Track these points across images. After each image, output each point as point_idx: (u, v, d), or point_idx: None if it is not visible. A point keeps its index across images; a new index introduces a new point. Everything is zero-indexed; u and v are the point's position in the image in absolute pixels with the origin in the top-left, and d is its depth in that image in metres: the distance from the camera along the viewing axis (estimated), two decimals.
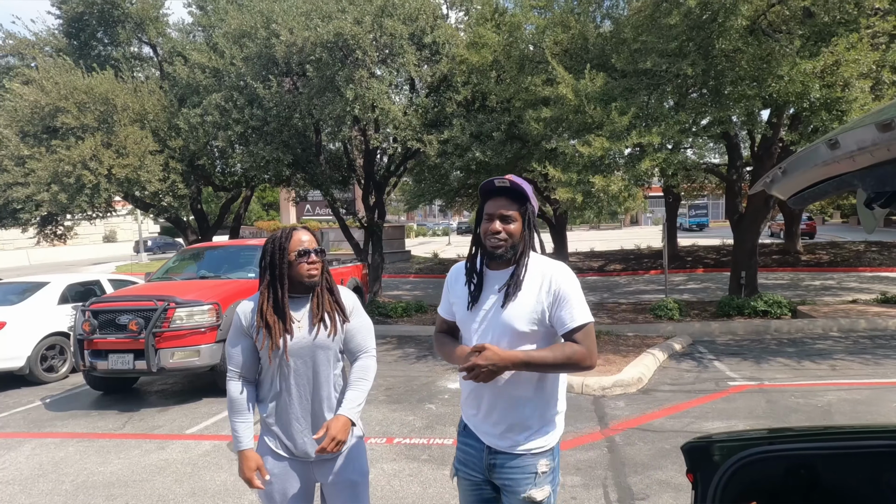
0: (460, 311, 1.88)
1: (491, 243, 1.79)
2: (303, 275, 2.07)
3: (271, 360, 2.06)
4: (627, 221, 47.40)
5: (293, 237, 2.10)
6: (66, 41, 11.81)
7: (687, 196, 20.24)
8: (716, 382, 5.98)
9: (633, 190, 7.52)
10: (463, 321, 1.88)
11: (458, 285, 1.92)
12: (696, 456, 1.68)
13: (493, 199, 1.82)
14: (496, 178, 1.80)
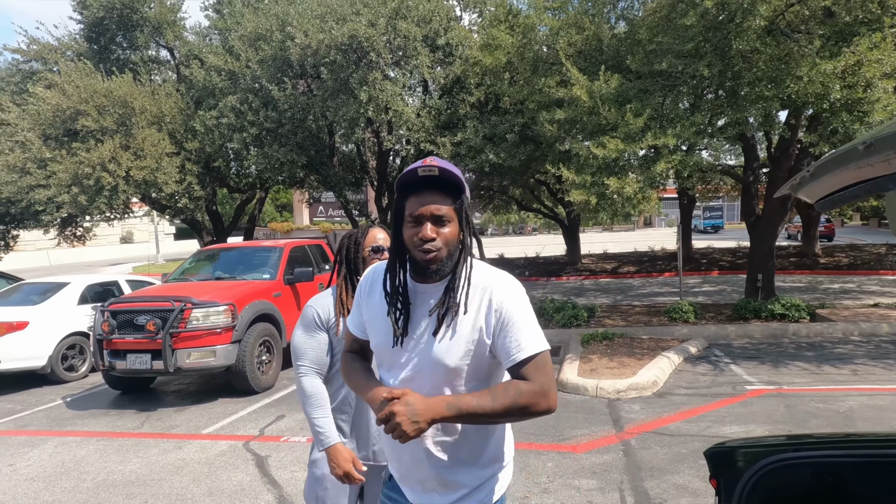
0: (378, 340, 1.48)
1: (422, 255, 1.37)
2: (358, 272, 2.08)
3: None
4: (641, 223, 47.08)
5: (369, 234, 2.14)
6: (87, 45, 12.02)
7: (702, 198, 20.05)
8: (732, 386, 5.91)
9: (647, 192, 7.48)
10: (382, 354, 1.47)
11: (373, 299, 1.51)
12: (720, 461, 1.67)
13: (418, 195, 1.38)
14: (420, 166, 1.36)
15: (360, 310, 1.56)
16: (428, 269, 1.38)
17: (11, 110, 9.84)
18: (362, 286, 1.56)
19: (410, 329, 1.42)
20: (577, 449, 4.46)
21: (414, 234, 1.38)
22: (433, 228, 1.37)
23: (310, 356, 2.04)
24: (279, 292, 7.34)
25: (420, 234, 1.36)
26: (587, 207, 7.76)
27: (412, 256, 1.40)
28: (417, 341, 1.41)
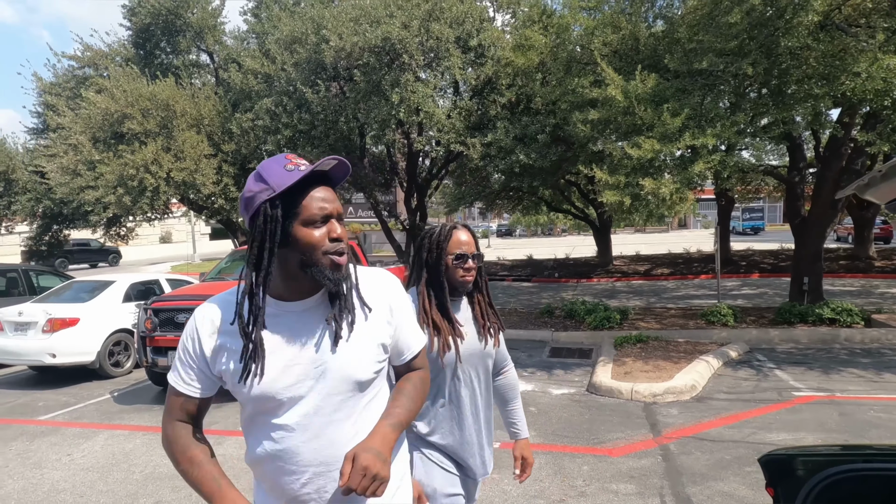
0: (264, 381, 1.25)
1: (337, 258, 1.24)
2: (457, 280, 1.87)
3: (444, 365, 1.79)
4: (675, 224, 46.13)
5: (452, 237, 1.88)
6: (134, 51, 12.44)
7: (741, 199, 19.52)
8: (778, 392, 5.74)
9: (684, 193, 7.32)
10: (271, 393, 1.25)
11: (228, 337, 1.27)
12: (777, 469, 1.61)
13: (316, 189, 1.23)
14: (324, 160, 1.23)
15: (198, 359, 1.29)
16: (340, 276, 1.24)
17: (66, 114, 10.23)
18: (202, 325, 1.28)
19: (296, 358, 1.27)
20: (613, 453, 4.40)
21: (325, 235, 1.23)
22: (343, 228, 1.27)
23: None
24: None
25: (333, 233, 1.23)
26: (621, 209, 7.64)
27: (320, 263, 1.22)
28: (313, 363, 1.26)
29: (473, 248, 1.90)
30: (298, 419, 1.26)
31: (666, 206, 7.46)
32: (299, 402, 1.26)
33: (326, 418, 1.28)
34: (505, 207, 19.30)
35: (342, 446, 1.28)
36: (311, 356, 1.27)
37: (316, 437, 1.27)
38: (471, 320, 1.93)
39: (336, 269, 1.24)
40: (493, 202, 16.75)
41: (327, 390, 1.27)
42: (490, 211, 19.88)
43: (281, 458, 1.28)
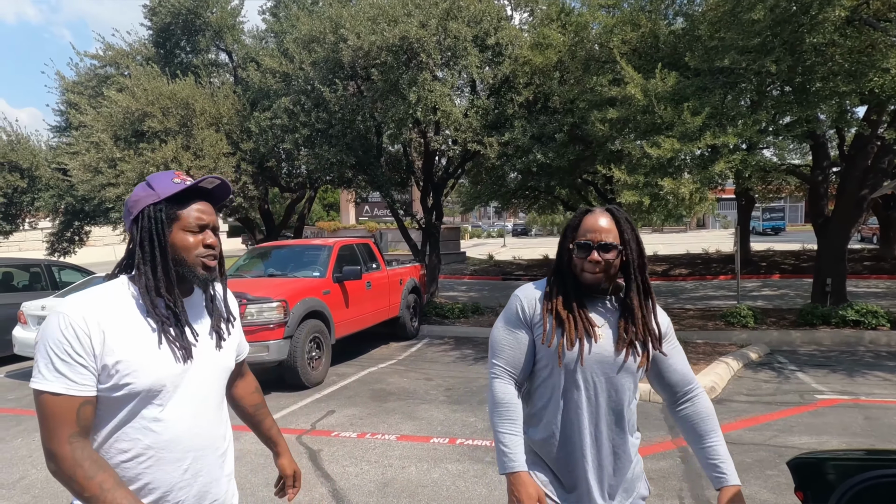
0: (157, 370, 1.31)
1: (208, 261, 1.40)
2: (578, 275, 1.61)
3: (561, 362, 1.58)
4: (693, 224, 45.57)
5: (583, 222, 1.62)
6: (155, 50, 12.59)
7: (762, 198, 19.23)
8: (800, 395, 5.64)
9: (704, 192, 7.23)
10: (159, 384, 1.31)
11: (125, 332, 1.30)
12: (807, 473, 1.58)
13: (198, 203, 1.40)
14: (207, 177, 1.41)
15: (93, 356, 1.26)
16: (209, 275, 1.41)
17: (88, 113, 10.39)
18: (84, 326, 1.25)
19: (192, 348, 1.41)
20: None
21: (197, 242, 1.39)
22: (216, 239, 1.44)
23: (506, 355, 1.68)
24: (328, 290, 7.48)
25: (206, 241, 1.40)
26: (640, 209, 7.57)
27: (191, 264, 1.39)
28: (205, 358, 1.43)
29: (607, 236, 1.57)
30: (183, 407, 1.37)
31: (685, 207, 7.38)
32: (184, 389, 1.37)
33: (204, 404, 1.42)
34: (521, 207, 19.21)
35: (216, 427, 1.47)
36: (203, 346, 1.43)
37: (196, 424, 1.40)
38: (610, 324, 1.63)
39: (207, 270, 1.40)
40: (509, 201, 16.68)
41: (209, 379, 1.43)
42: (506, 210, 19.81)
43: (165, 449, 1.34)
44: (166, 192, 1.36)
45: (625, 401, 1.61)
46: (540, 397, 1.68)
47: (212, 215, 1.43)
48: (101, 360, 1.27)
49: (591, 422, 1.60)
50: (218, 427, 1.48)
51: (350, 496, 3.85)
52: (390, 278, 9.22)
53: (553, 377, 1.62)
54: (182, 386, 1.36)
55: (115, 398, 1.30)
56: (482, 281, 17.52)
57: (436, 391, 6.35)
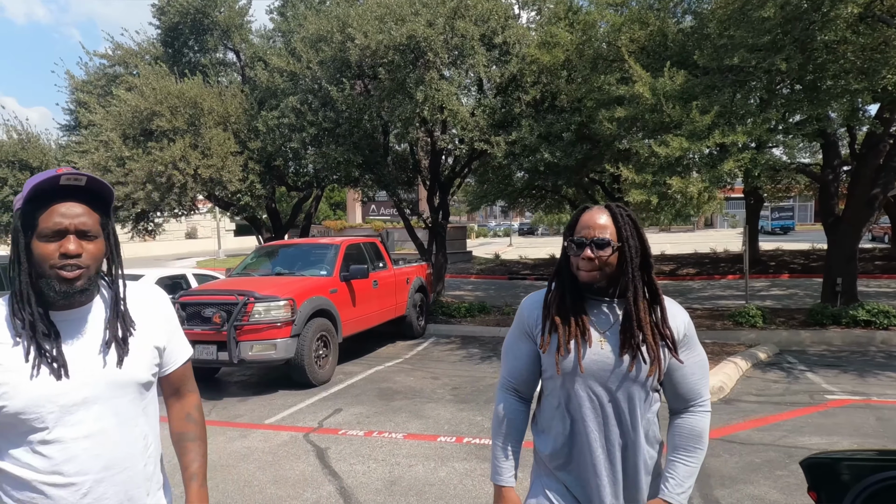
0: (30, 394, 1.21)
1: (64, 272, 1.23)
2: (577, 270, 1.51)
3: (559, 369, 1.50)
4: (701, 223, 45.35)
5: (580, 219, 1.53)
6: (163, 49, 12.65)
7: (770, 197, 19.10)
8: (810, 395, 5.60)
9: (713, 192, 7.19)
10: (37, 411, 1.22)
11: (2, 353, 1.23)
12: (820, 473, 1.56)
13: (60, 204, 1.23)
14: (62, 173, 1.22)
15: None
16: (72, 288, 1.24)
17: (97, 112, 10.45)
18: None
19: (71, 365, 1.25)
20: None
21: (53, 250, 1.22)
22: (76, 242, 1.23)
23: (509, 366, 1.64)
24: (335, 288, 7.50)
25: (63, 248, 1.21)
26: (647, 208, 7.54)
27: (47, 275, 1.23)
28: (90, 374, 1.27)
29: (602, 232, 1.47)
30: (78, 427, 1.25)
31: (693, 206, 7.34)
32: (79, 408, 1.25)
33: (106, 422, 1.28)
34: (527, 206, 19.18)
35: (126, 447, 1.32)
36: (87, 362, 1.27)
37: (98, 444, 1.27)
38: (613, 330, 1.51)
39: (64, 282, 1.22)
40: (516, 200, 16.66)
41: (109, 394, 1.29)
42: (512, 209, 19.80)
43: (58, 473, 1.23)
44: (22, 196, 1.21)
45: (637, 412, 1.49)
46: (546, 408, 1.60)
47: (79, 217, 1.23)
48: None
49: (601, 434, 1.49)
50: (129, 446, 1.32)
51: (357, 494, 3.86)
52: (397, 277, 9.22)
53: (557, 388, 1.53)
54: (74, 405, 1.24)
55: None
56: (488, 280, 17.51)
57: (442, 390, 6.35)
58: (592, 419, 1.49)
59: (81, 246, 1.23)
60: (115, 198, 7.87)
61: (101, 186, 1.28)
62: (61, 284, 1.23)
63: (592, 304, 1.54)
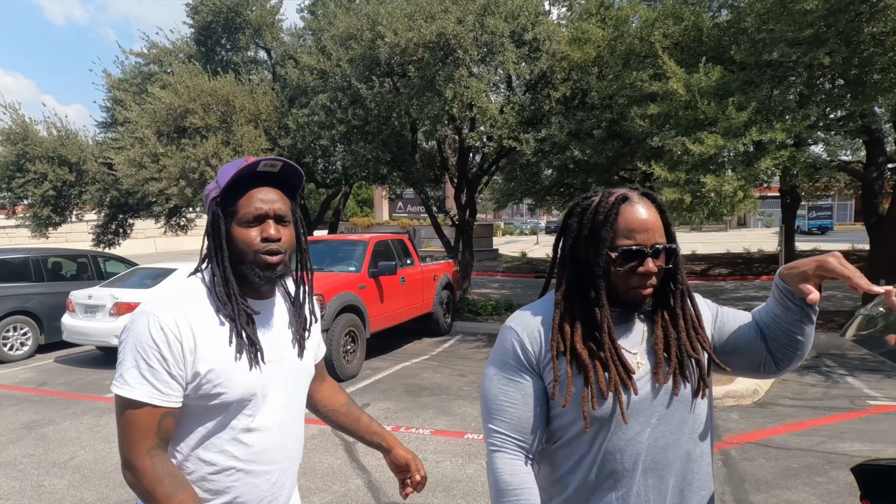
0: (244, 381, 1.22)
1: (267, 257, 1.23)
2: (626, 291, 1.16)
3: (588, 426, 1.14)
4: (734, 223, 44.34)
5: (623, 213, 1.15)
6: (196, 48, 12.92)
7: (808, 196, 18.55)
8: (850, 400, 5.42)
9: (749, 190, 7.01)
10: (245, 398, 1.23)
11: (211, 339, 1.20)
12: (874, 480, 1.50)
13: (257, 190, 1.24)
14: (261, 160, 1.23)
15: (182, 361, 1.17)
16: (273, 273, 1.24)
17: (133, 109, 10.72)
18: (172, 328, 1.16)
19: (268, 354, 1.27)
20: None
21: (257, 235, 1.23)
22: (277, 227, 1.24)
23: (507, 416, 1.19)
24: (364, 284, 7.55)
25: (265, 233, 1.23)
26: (680, 207, 7.39)
27: (249, 261, 1.23)
28: (283, 364, 1.31)
29: (658, 235, 1.15)
30: (272, 416, 1.28)
31: (728, 205, 7.17)
32: (272, 398, 1.28)
33: (289, 413, 1.32)
34: (554, 204, 19.00)
35: (299, 438, 1.39)
36: (279, 352, 1.30)
37: (284, 434, 1.31)
38: (645, 350, 1.19)
39: (267, 268, 1.24)
40: (543, 199, 16.53)
41: (292, 386, 1.33)
42: (539, 207, 19.65)
43: (256, 461, 1.26)
44: (224, 182, 1.22)
45: (683, 450, 1.17)
46: (564, 460, 1.21)
47: (275, 203, 1.25)
48: (192, 368, 1.18)
49: (642, 487, 1.16)
50: (300, 438, 1.40)
51: (385, 488, 3.88)
52: (424, 274, 9.24)
53: (580, 437, 1.17)
54: (269, 395, 1.27)
55: (205, 408, 1.21)
56: (514, 278, 17.42)
57: (469, 387, 6.34)
58: (629, 471, 1.15)
59: (280, 231, 1.25)
60: (149, 193, 8.05)
61: (293, 173, 1.28)
62: (264, 270, 1.24)
63: (619, 322, 1.21)
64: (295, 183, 1.30)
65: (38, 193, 11.93)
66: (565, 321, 1.18)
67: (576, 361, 1.15)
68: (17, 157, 11.92)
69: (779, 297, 1.17)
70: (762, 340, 1.22)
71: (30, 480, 4.13)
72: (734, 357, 1.25)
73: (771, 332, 1.20)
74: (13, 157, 11.93)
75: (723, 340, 1.26)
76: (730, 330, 1.26)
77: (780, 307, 1.17)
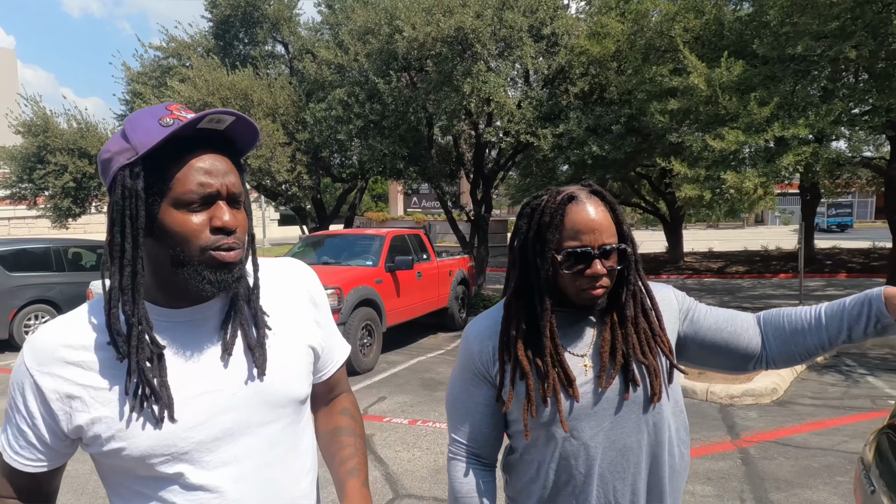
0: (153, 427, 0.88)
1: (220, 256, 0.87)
2: (576, 292, 1.11)
3: (528, 433, 1.13)
4: (751, 220, 43.81)
5: (569, 214, 1.09)
6: (214, 42, 13.04)
7: (828, 193, 18.27)
8: (871, 400, 5.35)
9: (770, 187, 6.94)
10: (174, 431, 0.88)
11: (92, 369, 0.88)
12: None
13: (199, 158, 0.86)
14: (208, 113, 0.85)
15: (50, 414, 0.87)
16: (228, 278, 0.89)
17: (152, 102, 10.87)
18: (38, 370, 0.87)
19: (202, 382, 0.91)
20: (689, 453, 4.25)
21: (200, 224, 0.86)
22: (230, 213, 0.88)
23: (463, 424, 1.21)
24: (380, 279, 7.59)
25: (218, 219, 0.87)
26: (700, 203, 7.35)
27: (194, 262, 0.87)
28: (231, 395, 0.92)
29: (607, 235, 1.10)
30: (223, 470, 0.91)
31: (748, 202, 7.11)
32: (220, 445, 0.91)
33: (262, 458, 0.95)
34: None
35: (290, 489, 0.99)
36: (220, 379, 0.92)
37: (254, 488, 0.93)
38: (593, 355, 1.14)
39: (220, 268, 0.87)
40: None
41: (256, 420, 0.94)
42: None
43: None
44: (147, 143, 0.82)
45: (648, 453, 1.13)
46: (525, 469, 1.18)
47: (227, 176, 0.87)
48: (69, 421, 0.87)
49: (601, 492, 1.12)
50: (292, 487, 1.00)
51: (403, 480, 3.92)
52: (440, 269, 9.27)
53: (535, 444, 1.14)
54: (219, 438, 0.91)
55: (111, 465, 0.92)
56: None
57: None
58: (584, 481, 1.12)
59: (235, 217, 0.89)
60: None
61: (245, 131, 0.90)
62: (217, 272, 0.88)
63: (566, 325, 1.16)
64: (244, 146, 0.92)
65: (59, 185, 12.14)
66: (511, 326, 1.15)
67: (519, 368, 1.12)
68: (39, 149, 12.13)
69: (865, 313, 1.09)
70: (761, 344, 1.19)
71: None
72: (713, 356, 1.22)
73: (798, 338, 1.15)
74: (34, 148, 12.15)
75: (699, 337, 1.20)
76: (709, 327, 1.20)
77: (853, 321, 1.10)
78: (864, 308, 1.09)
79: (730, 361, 1.21)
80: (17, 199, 13.31)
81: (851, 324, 1.10)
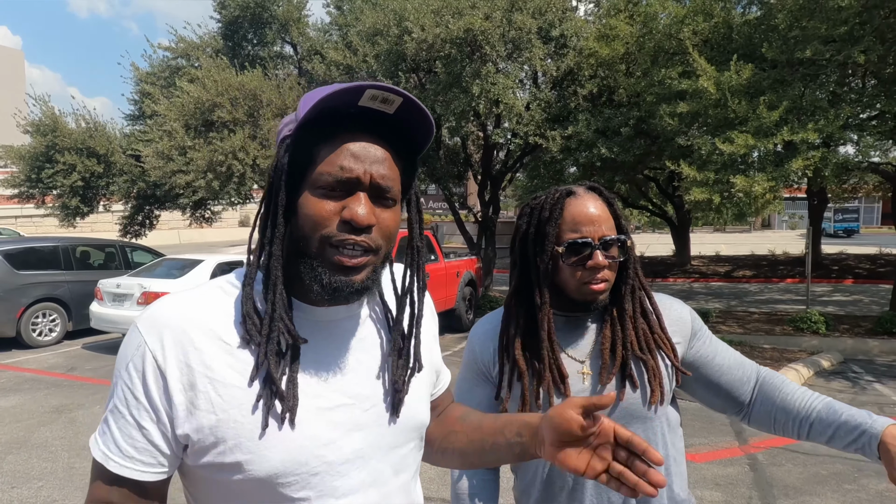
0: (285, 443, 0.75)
1: (339, 255, 0.74)
2: (575, 289, 1.10)
3: None
4: (758, 224, 43.64)
5: (568, 207, 1.10)
6: (223, 42, 13.10)
7: (835, 198, 18.18)
8: (879, 407, 5.33)
9: (779, 191, 6.92)
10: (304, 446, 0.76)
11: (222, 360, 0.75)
12: None
13: (357, 139, 0.75)
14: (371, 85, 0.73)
15: (170, 408, 0.72)
16: (353, 285, 0.75)
17: (161, 102, 10.91)
18: (161, 354, 0.72)
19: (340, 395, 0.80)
20: (696, 458, 4.24)
21: (334, 212, 0.74)
22: (370, 207, 0.75)
23: None
24: None
25: (348, 214, 0.73)
26: (709, 207, 7.32)
27: (313, 255, 0.75)
28: (370, 413, 0.81)
29: (607, 227, 1.09)
30: (351, 499, 0.78)
31: (756, 206, 7.08)
32: (350, 469, 0.78)
33: (387, 487, 0.82)
34: None
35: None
36: (353, 391, 0.80)
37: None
38: (593, 357, 1.13)
39: (338, 272, 0.74)
40: None
41: (386, 443, 0.82)
42: None
43: None
44: (304, 111, 0.73)
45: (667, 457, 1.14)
46: (525, 472, 1.20)
47: (377, 165, 0.75)
48: (187, 421, 0.72)
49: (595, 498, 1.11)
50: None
51: (427, 484, 3.92)
52: (448, 270, 9.28)
53: None
54: (340, 462, 0.77)
55: (216, 483, 0.75)
56: None
57: None
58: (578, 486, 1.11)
59: (374, 214, 0.75)
60: (176, 185, 8.11)
61: (419, 120, 0.78)
62: (333, 275, 0.74)
63: (566, 325, 1.16)
64: (419, 138, 0.80)
65: (67, 184, 12.22)
66: (510, 326, 1.16)
67: (516, 368, 1.12)
68: (47, 149, 12.21)
69: (854, 441, 1.07)
70: (748, 403, 1.18)
71: (61, 462, 4.25)
72: (703, 389, 1.20)
73: (780, 417, 1.14)
74: (43, 148, 12.23)
75: (703, 370, 1.18)
76: (719, 365, 1.18)
77: (839, 439, 1.09)
78: (856, 437, 1.07)
79: (716, 401, 1.21)
80: (25, 199, 13.40)
81: (836, 438, 1.09)
